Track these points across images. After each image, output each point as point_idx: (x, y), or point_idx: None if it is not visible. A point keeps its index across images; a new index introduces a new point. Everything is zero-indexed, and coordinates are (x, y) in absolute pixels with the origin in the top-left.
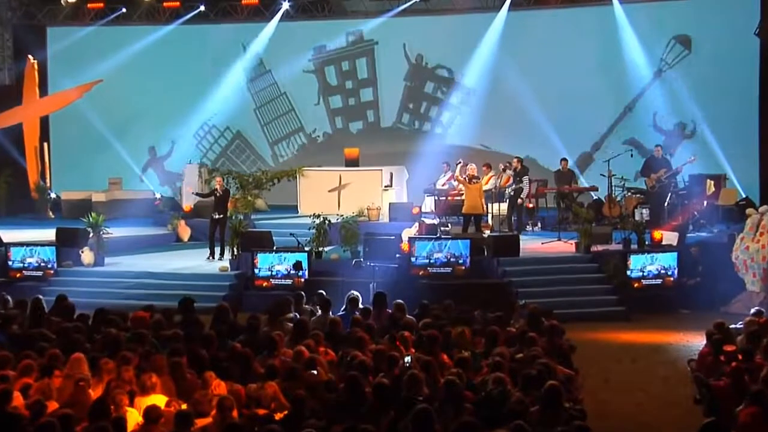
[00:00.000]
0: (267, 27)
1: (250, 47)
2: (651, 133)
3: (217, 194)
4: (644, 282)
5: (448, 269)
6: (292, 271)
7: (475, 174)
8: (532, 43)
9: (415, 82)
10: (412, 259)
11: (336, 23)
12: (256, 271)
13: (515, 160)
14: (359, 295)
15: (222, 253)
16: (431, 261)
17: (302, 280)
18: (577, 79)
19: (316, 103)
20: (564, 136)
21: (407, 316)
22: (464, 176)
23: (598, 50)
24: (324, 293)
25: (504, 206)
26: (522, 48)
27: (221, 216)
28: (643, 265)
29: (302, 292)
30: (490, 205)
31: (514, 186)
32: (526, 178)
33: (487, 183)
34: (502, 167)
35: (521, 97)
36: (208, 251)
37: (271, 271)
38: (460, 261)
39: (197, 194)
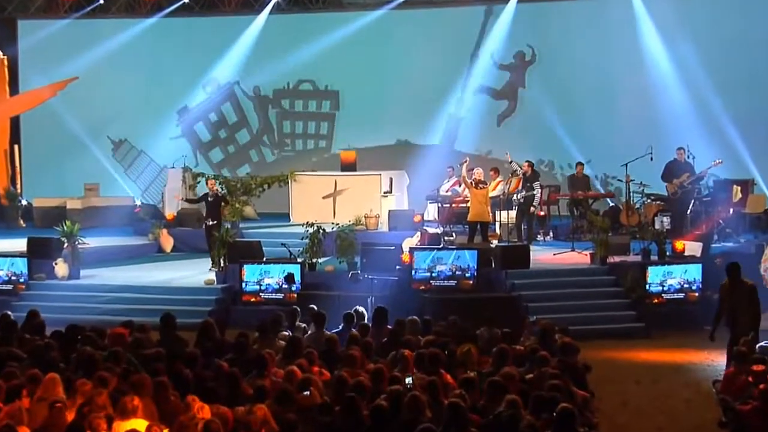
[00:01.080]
0: (256, 20)
1: (239, 41)
2: (671, 135)
3: (209, 199)
4: (665, 296)
5: (453, 282)
6: (284, 285)
7: (482, 179)
8: (543, 37)
9: None
10: (414, 272)
11: (332, 15)
12: (245, 284)
13: (525, 164)
14: (364, 311)
15: (216, 263)
16: (434, 273)
17: (295, 294)
18: (594, 75)
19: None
20: (578, 138)
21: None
22: (471, 180)
23: (617, 45)
24: (315, 307)
25: (513, 214)
26: (532, 42)
27: (215, 222)
28: (663, 278)
29: (296, 307)
30: (498, 212)
31: (524, 192)
32: (537, 184)
33: (494, 189)
34: (508, 159)
35: (531, 97)
36: (197, 262)
37: (261, 284)
38: (466, 274)
39: (187, 200)
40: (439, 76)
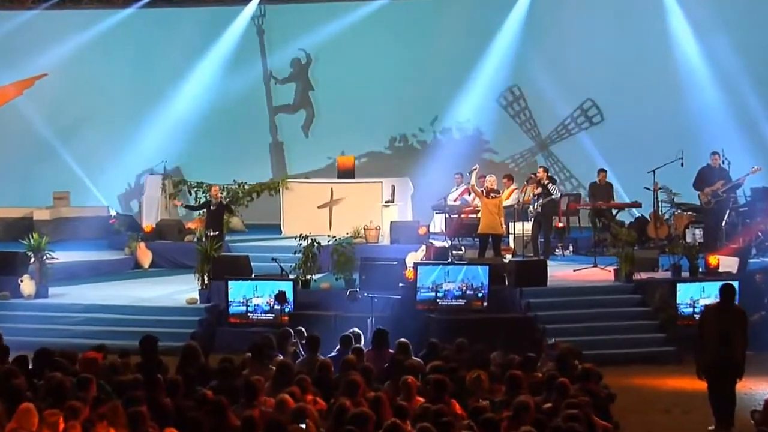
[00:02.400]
0: (244, 10)
1: (225, 34)
2: (704, 138)
3: (212, 207)
4: (698, 317)
5: (462, 301)
6: (275, 304)
7: (495, 187)
8: (560, 31)
9: None
10: (419, 290)
11: (331, 6)
12: (231, 303)
13: (540, 170)
14: (360, 333)
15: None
16: (441, 291)
17: (286, 318)
18: (616, 71)
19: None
20: (600, 142)
21: (413, 357)
22: (482, 188)
23: (642, 36)
24: (303, 330)
25: (528, 225)
26: (549, 37)
27: (217, 233)
28: (696, 297)
29: (289, 329)
30: (512, 224)
31: (540, 201)
32: (555, 188)
33: (508, 198)
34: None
35: (546, 95)
36: (179, 279)
37: (249, 304)
38: (477, 292)
39: (188, 206)
40: (446, 71)
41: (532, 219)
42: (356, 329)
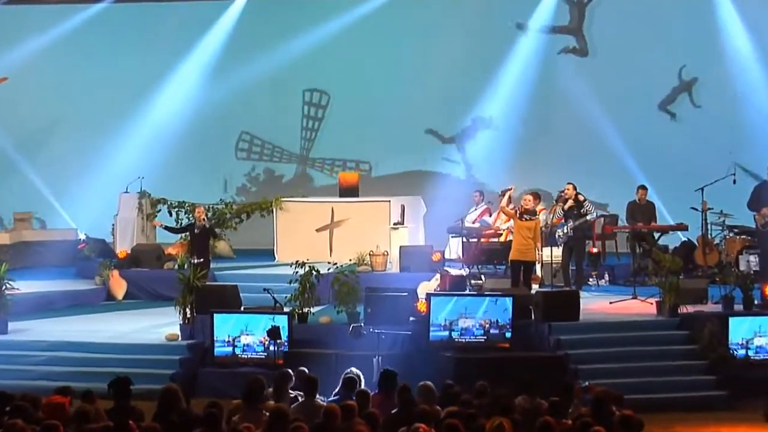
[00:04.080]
0: (233, 5)
1: (211, 32)
2: (760, 151)
3: (195, 231)
4: (753, 357)
5: (482, 338)
6: (270, 343)
7: (531, 206)
8: (594, 29)
9: None
10: (433, 323)
11: (324, 2)
12: (217, 340)
13: (568, 186)
14: (360, 374)
15: None
16: (457, 330)
17: (281, 360)
18: (656, 70)
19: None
20: (639, 154)
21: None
22: (513, 207)
23: (685, 30)
24: (306, 371)
25: (558, 251)
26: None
27: (201, 260)
28: (750, 333)
29: (290, 371)
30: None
31: (572, 223)
32: (590, 205)
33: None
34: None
35: (576, 102)
36: (157, 312)
37: (236, 343)
38: (502, 330)
39: (167, 228)
40: (460, 74)
41: (562, 244)
42: (354, 369)
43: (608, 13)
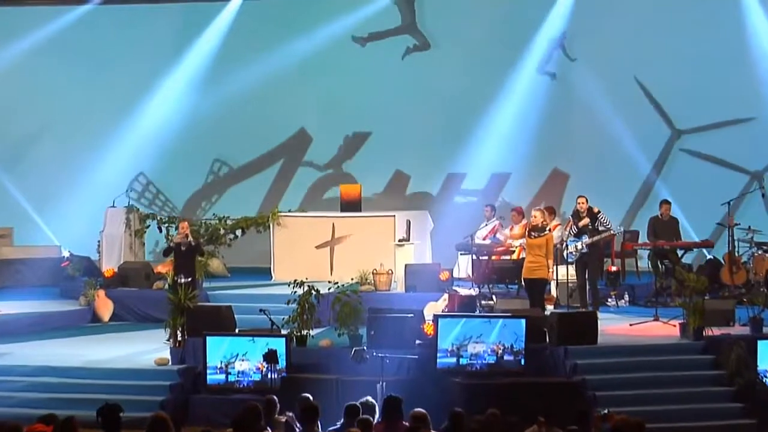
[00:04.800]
0: (227, 7)
1: (204, 34)
2: None
3: (182, 248)
4: None
5: (492, 359)
6: (267, 370)
7: (540, 223)
8: (612, 28)
9: None
10: (440, 348)
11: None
12: (210, 364)
13: (581, 200)
14: (375, 403)
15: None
16: (466, 356)
17: (277, 386)
18: (673, 71)
19: None
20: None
21: (432, 431)
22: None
23: (706, 38)
24: (309, 397)
25: (573, 269)
26: (597, 35)
27: (189, 280)
28: None
29: (274, 397)
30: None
31: (587, 239)
32: (605, 217)
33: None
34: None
35: (593, 106)
36: (145, 335)
37: (230, 366)
38: (517, 356)
39: (169, 249)
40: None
41: (574, 261)
42: (370, 398)
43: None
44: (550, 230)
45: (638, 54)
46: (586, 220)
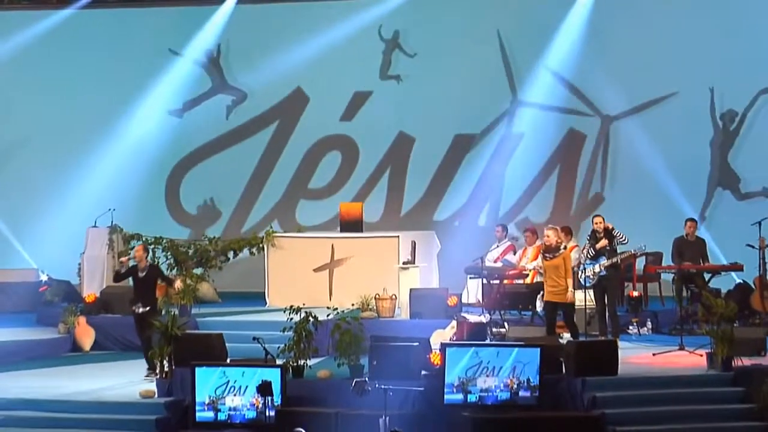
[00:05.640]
0: (217, 13)
1: (190, 46)
2: None
3: (140, 274)
4: None
5: (505, 395)
6: (263, 407)
7: (554, 242)
8: (629, 29)
9: None
10: (448, 380)
11: (336, 5)
12: (198, 399)
13: (597, 219)
14: None
15: (154, 368)
16: (475, 391)
17: (272, 422)
18: (695, 74)
19: None
20: (685, 181)
21: None
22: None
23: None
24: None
25: (591, 294)
26: (615, 35)
27: (147, 309)
28: None
29: None
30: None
31: (605, 261)
32: (623, 236)
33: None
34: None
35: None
36: (130, 365)
37: (220, 402)
38: (531, 389)
39: (117, 273)
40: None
41: (593, 285)
42: None
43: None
44: (565, 247)
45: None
46: (603, 242)
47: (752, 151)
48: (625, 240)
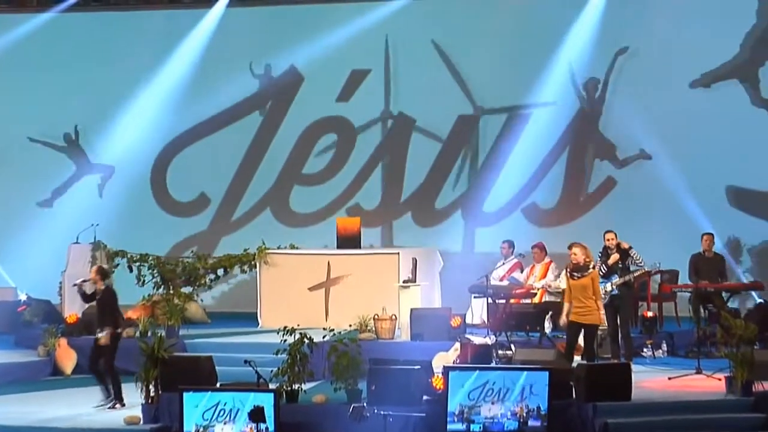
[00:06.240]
0: (205, 18)
1: (181, 46)
2: None
3: (97, 297)
4: None
5: (513, 425)
6: (254, 429)
7: (582, 260)
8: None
9: None
10: (450, 407)
11: (328, 7)
12: (187, 424)
13: (609, 235)
14: None
15: (116, 395)
16: (479, 420)
17: None
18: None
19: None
20: (703, 192)
21: None
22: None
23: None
24: None
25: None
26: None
27: (102, 334)
28: None
29: None
30: None
31: (617, 279)
32: (637, 254)
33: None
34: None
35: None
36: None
37: (211, 424)
38: (542, 417)
39: (82, 295)
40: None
41: (604, 305)
42: None
43: None
44: (594, 267)
45: None
46: (615, 256)
47: (622, 116)
48: (641, 262)
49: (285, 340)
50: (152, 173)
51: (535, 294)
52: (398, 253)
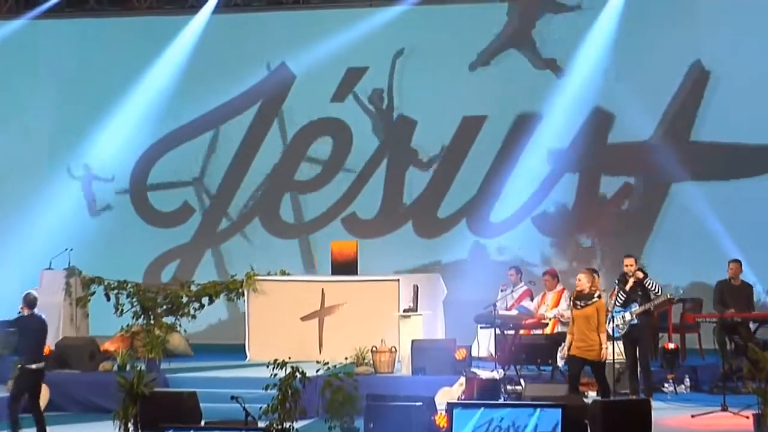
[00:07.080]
0: (190, 24)
1: (161, 58)
2: None
3: (30, 326)
4: None
5: None
6: None
7: (587, 288)
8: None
9: None
10: None
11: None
12: None
13: (629, 261)
14: None
15: None
16: None
17: None
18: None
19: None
20: (731, 217)
21: None
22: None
23: None
24: None
25: (620, 346)
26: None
27: (32, 367)
28: None
29: None
30: None
31: (636, 307)
32: (654, 282)
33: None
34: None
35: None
36: (89, 428)
37: None
38: None
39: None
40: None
41: (622, 336)
42: None
43: None
44: (600, 297)
45: None
46: (633, 280)
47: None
48: (658, 291)
49: (275, 375)
50: (131, 181)
51: (547, 324)
52: (398, 280)
